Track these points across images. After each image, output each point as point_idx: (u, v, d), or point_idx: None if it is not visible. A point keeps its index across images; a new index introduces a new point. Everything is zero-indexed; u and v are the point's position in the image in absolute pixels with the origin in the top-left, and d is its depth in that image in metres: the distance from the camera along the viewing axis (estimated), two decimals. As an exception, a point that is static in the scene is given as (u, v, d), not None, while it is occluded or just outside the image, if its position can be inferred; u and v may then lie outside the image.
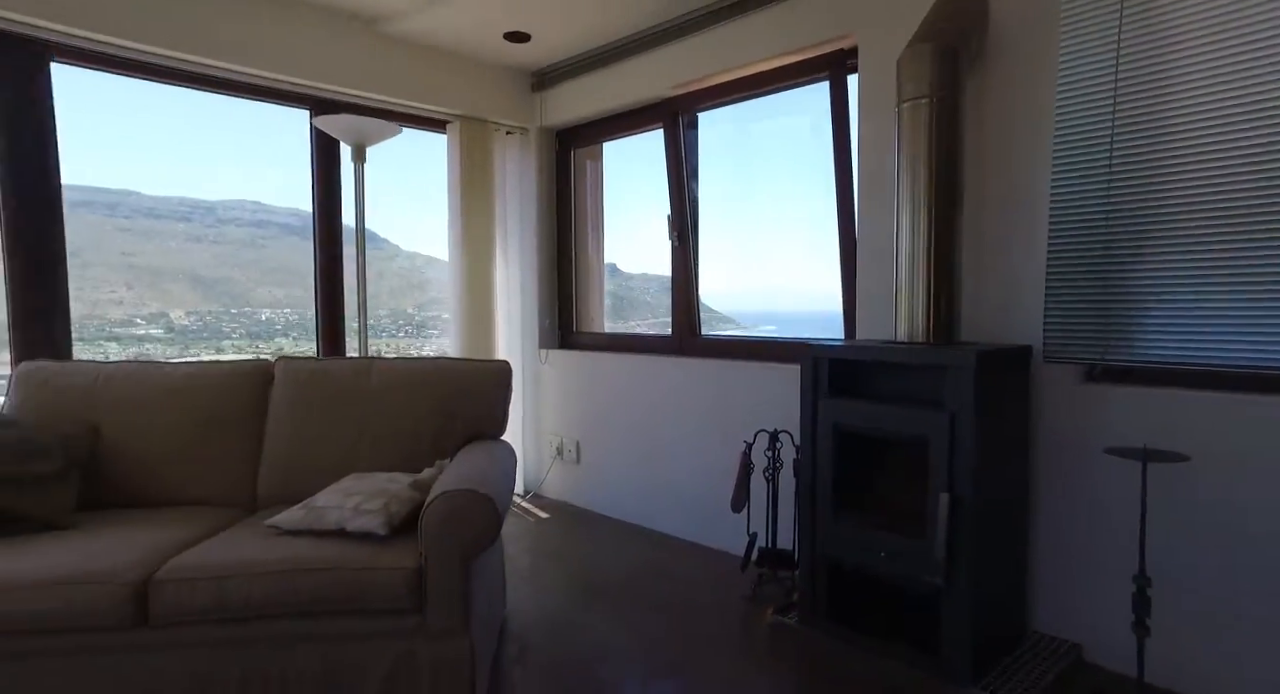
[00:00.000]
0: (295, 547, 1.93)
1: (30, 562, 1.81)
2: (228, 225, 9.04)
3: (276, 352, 7.98)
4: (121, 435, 2.39)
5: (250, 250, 9.41)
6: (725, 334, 3.82)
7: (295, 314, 9.45)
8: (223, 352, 7.45)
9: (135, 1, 2.96)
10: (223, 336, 7.60)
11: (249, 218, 9.22)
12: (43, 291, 2.93)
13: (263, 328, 8.54)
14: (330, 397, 2.53)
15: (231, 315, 8.08)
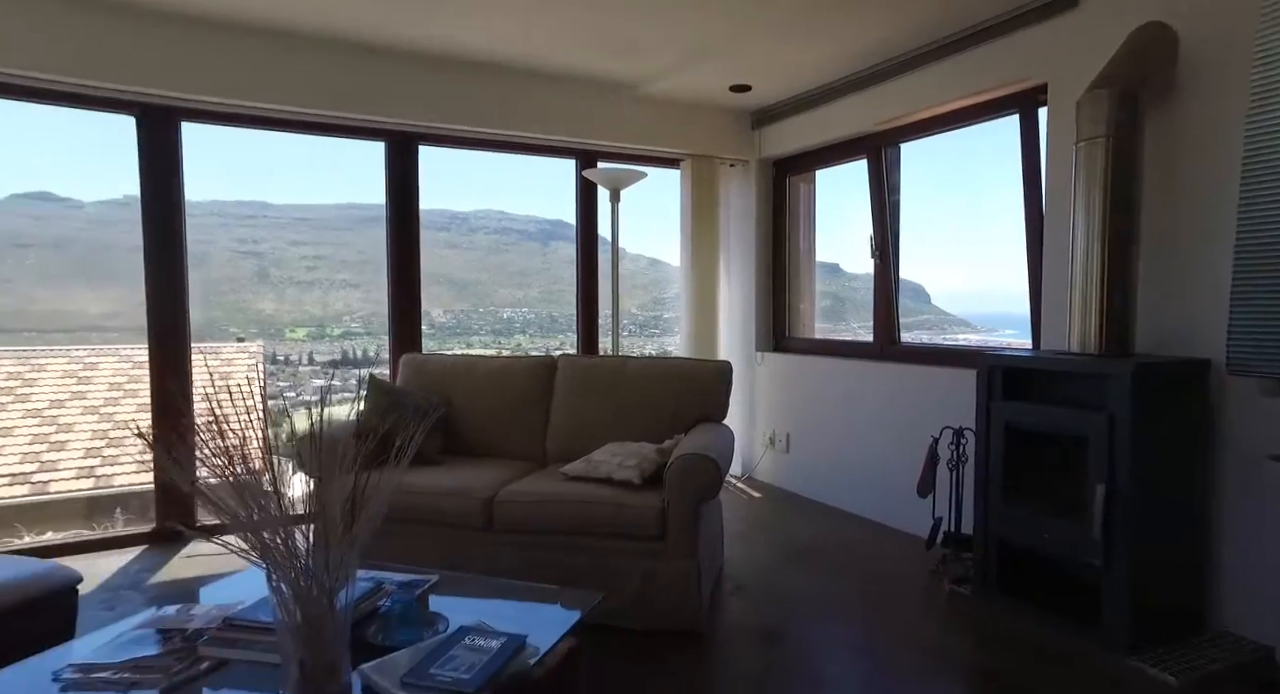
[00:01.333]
0: (578, 487, 2.81)
1: (425, 480, 2.86)
2: (477, 233, 10.63)
3: (515, 347, 9.38)
4: (463, 405, 3.47)
5: (495, 255, 10.95)
6: (919, 342, 4.22)
7: (532, 313, 10.86)
8: (471, 347, 8.94)
9: (480, 101, 4.12)
10: (471, 333, 9.10)
11: (495, 226, 10.77)
12: (407, 301, 4.21)
13: (504, 326, 10.02)
14: (596, 384, 3.43)
15: (479, 314, 9.62)
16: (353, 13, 3.40)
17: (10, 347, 9.04)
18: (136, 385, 10.30)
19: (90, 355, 10.43)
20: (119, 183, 4.10)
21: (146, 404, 10.66)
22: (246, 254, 15.07)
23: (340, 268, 10.37)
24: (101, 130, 4.90)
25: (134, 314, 12.89)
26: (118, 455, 9.38)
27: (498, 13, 3.38)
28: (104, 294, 10.56)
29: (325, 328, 10.32)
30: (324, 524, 1.50)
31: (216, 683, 1.61)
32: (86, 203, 9.75)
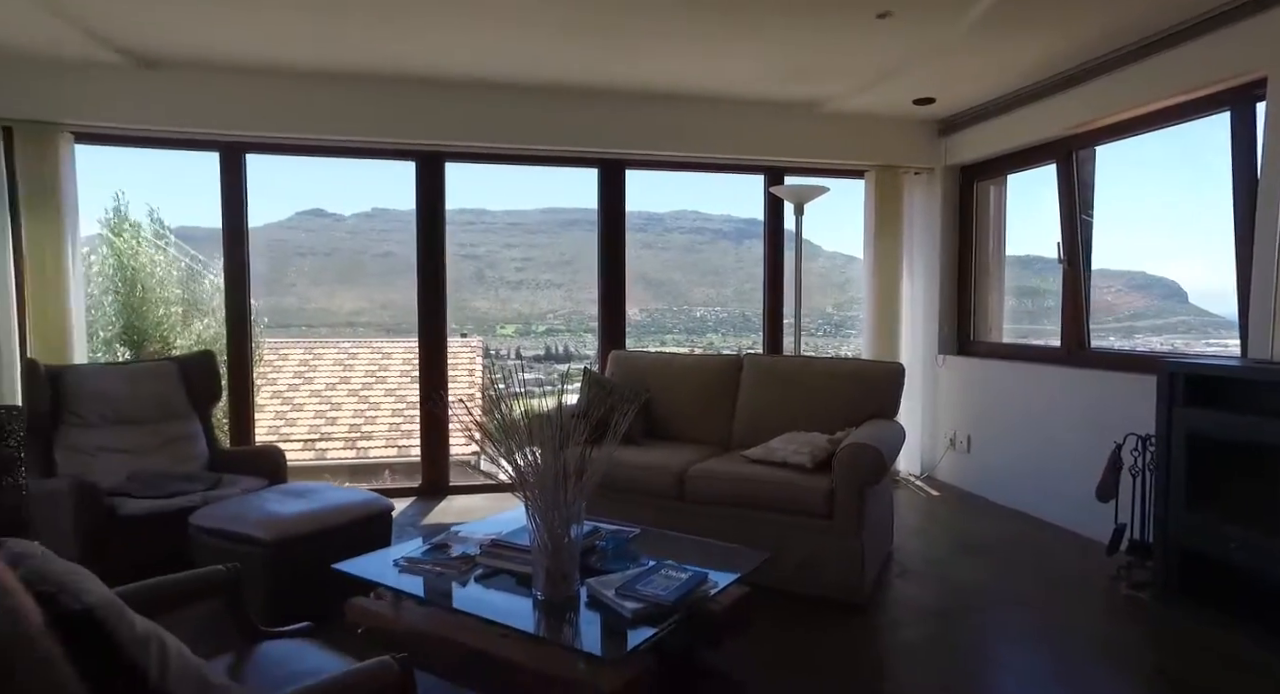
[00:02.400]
0: (756, 468, 3.24)
1: (630, 456, 3.45)
2: (672, 233, 11.08)
3: (708, 346, 9.76)
4: (661, 396, 4.04)
5: (690, 255, 11.33)
6: (1110, 347, 4.11)
7: (724, 312, 11.12)
8: (665, 345, 9.40)
9: (679, 127, 4.70)
10: (665, 331, 9.55)
11: (690, 226, 11.16)
12: (615, 302, 4.88)
13: (697, 324, 10.40)
14: (778, 381, 3.83)
15: (674, 313, 10.07)
16: (563, 63, 4.10)
17: (297, 338, 11.20)
18: (385, 373, 12.28)
19: (353, 346, 12.58)
20: (371, 198, 5.11)
21: (393, 389, 12.47)
22: (466, 257, 16.71)
23: (545, 269, 11.47)
24: (373, 168, 6.05)
25: (377, 312, 15.04)
26: (372, 431, 11.28)
27: (693, 54, 3.89)
28: (356, 294, 12.59)
29: (531, 325, 11.43)
30: (563, 478, 2.08)
31: (491, 581, 2.27)
32: (347, 216, 11.65)
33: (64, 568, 1.06)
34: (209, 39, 3.73)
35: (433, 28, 3.57)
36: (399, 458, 11.02)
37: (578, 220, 10.95)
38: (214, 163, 4.38)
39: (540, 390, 17.87)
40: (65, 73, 3.95)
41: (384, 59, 4.02)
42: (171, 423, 3.75)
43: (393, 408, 12.04)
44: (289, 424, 9.58)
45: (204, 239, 6.93)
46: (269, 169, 4.71)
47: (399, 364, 12.63)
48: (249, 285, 4.46)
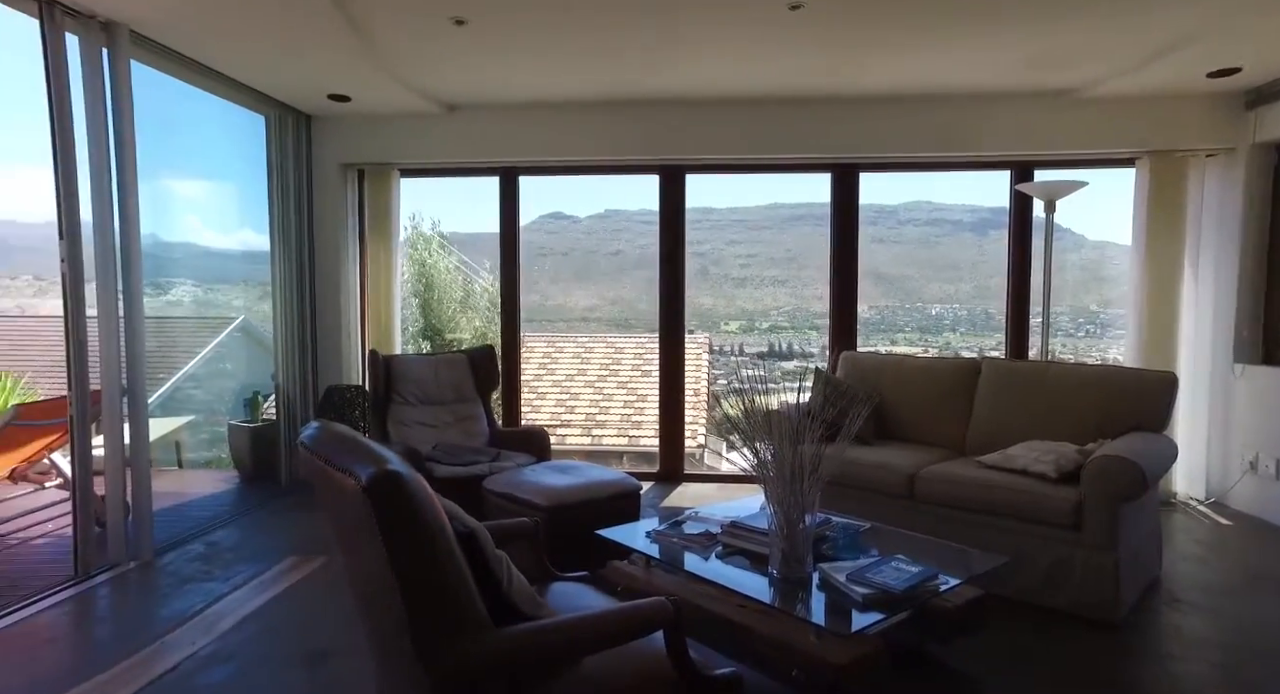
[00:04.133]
0: (992, 474, 3.16)
1: (861, 455, 3.54)
2: (906, 226, 10.50)
3: (944, 346, 9.16)
4: (892, 397, 4.05)
5: (924, 249, 10.62)
6: None
7: (964, 310, 10.29)
8: (895, 344, 8.91)
9: (914, 129, 4.65)
10: (896, 329, 9.03)
11: (924, 217, 10.47)
12: (846, 301, 4.93)
13: (931, 322, 9.71)
14: (1018, 387, 3.66)
15: (905, 310, 9.49)
16: (800, 74, 4.25)
17: (538, 333, 12.43)
18: (617, 366, 13.24)
19: (589, 341, 13.71)
20: (604, 200, 5.62)
21: (625, 381, 13.28)
22: (691, 254, 16.98)
23: (769, 265, 11.51)
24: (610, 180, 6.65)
25: (607, 308, 16.11)
26: (605, 420, 12.22)
27: (927, 51, 3.85)
28: (588, 291, 13.61)
29: (754, 322, 11.52)
30: (799, 471, 2.28)
31: (730, 558, 2.54)
32: (582, 218, 12.64)
33: (450, 504, 1.50)
34: (496, 84, 4.45)
35: (687, 59, 3.98)
36: (629, 447, 11.87)
37: (803, 216, 10.88)
38: (483, 183, 5.19)
39: (763, 387, 17.91)
40: (395, 123, 4.94)
41: (641, 86, 4.49)
42: (463, 404, 4.54)
43: (624, 399, 12.99)
44: (534, 411, 10.76)
45: (462, 243, 8.08)
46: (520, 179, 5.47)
47: (630, 358, 13.57)
48: (520, 289, 5.21)
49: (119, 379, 3.43)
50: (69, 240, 3.26)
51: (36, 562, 3.53)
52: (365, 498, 1.23)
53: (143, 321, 3.56)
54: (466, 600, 1.32)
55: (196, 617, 2.89)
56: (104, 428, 3.40)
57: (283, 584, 3.25)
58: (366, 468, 1.26)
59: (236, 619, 2.88)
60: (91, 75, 3.32)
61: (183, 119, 5.30)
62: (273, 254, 4.89)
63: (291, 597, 3.13)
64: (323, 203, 5.04)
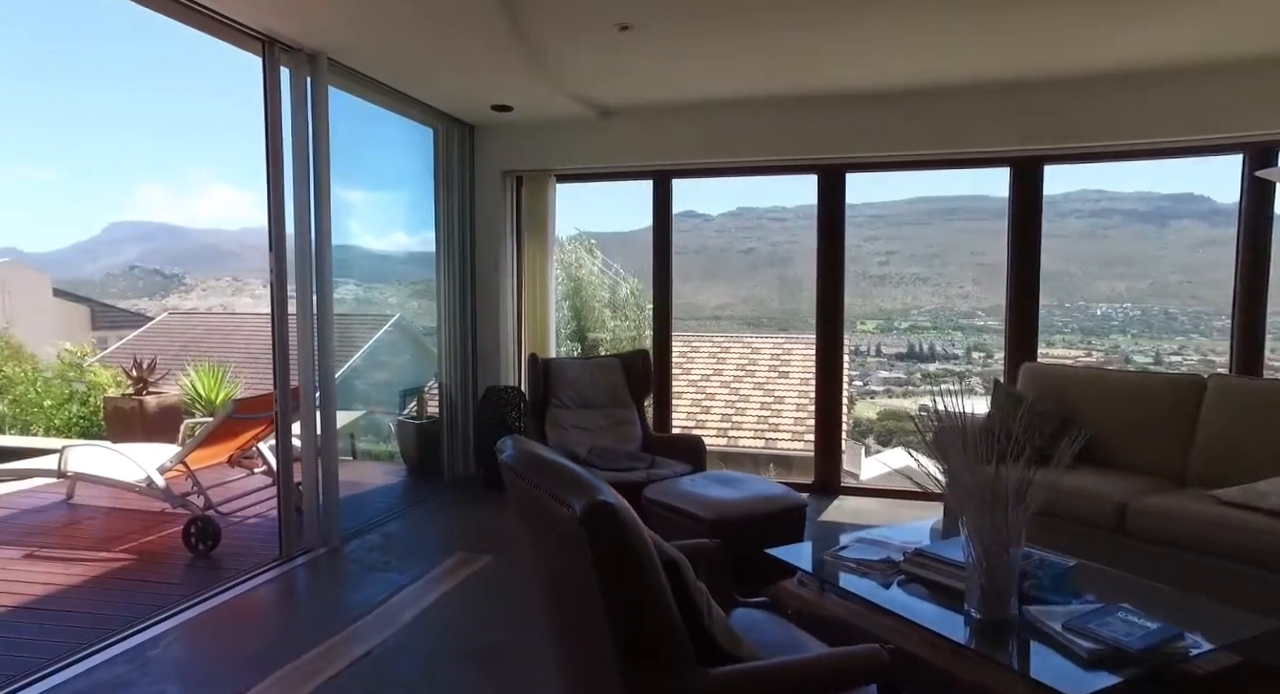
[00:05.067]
0: (1232, 513, 2.75)
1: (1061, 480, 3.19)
2: (1068, 217, 9.42)
3: (1110, 349, 8.10)
4: (1086, 415, 3.63)
5: (1089, 242, 9.50)
6: None
7: (1136, 310, 9.11)
8: (1053, 346, 7.96)
9: (1118, 111, 4.16)
10: (1053, 331, 8.05)
11: (1090, 208, 9.35)
12: (1026, 304, 4.50)
13: (1096, 324, 8.62)
14: (1261, 410, 3.16)
15: (1064, 310, 8.50)
16: (978, 59, 3.89)
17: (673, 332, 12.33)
18: (754, 367, 12.97)
19: (726, 340, 13.53)
20: (736, 198, 5.45)
21: (761, 382, 12.94)
22: None
23: (911, 262, 10.83)
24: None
25: (739, 307, 15.79)
26: (742, 422, 12.01)
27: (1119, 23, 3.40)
28: (720, 290, 13.38)
29: (893, 321, 10.87)
30: (1000, 497, 2.06)
31: (914, 588, 2.35)
32: (714, 216, 12.45)
33: (650, 532, 1.45)
34: (653, 87, 4.44)
35: (858, 50, 3.77)
36: (765, 450, 11.60)
37: (955, 209, 10.10)
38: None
39: (900, 390, 16.81)
40: (552, 130, 5.05)
41: (802, 83, 4.32)
42: (617, 409, 4.57)
43: (761, 400, 12.72)
44: (670, 410, 10.63)
45: (601, 244, 8.13)
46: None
47: (766, 359, 13.27)
48: (673, 294, 5.18)
49: (314, 376, 3.72)
50: (276, 254, 3.57)
51: (250, 540, 3.91)
52: (580, 529, 1.20)
53: (332, 324, 3.84)
54: (676, 637, 1.26)
55: (380, 606, 3.07)
56: (302, 421, 3.71)
57: (454, 579, 3.39)
58: (579, 498, 1.23)
59: (416, 612, 3.03)
60: (298, 102, 3.62)
61: (358, 135, 5.72)
62: (438, 259, 5.15)
63: (463, 593, 3.26)
64: (483, 209, 5.25)
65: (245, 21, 3.32)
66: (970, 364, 16.76)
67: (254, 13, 3.28)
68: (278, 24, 3.39)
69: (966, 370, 16.73)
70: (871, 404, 12.28)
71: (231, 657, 2.73)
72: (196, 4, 3.08)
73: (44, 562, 3.59)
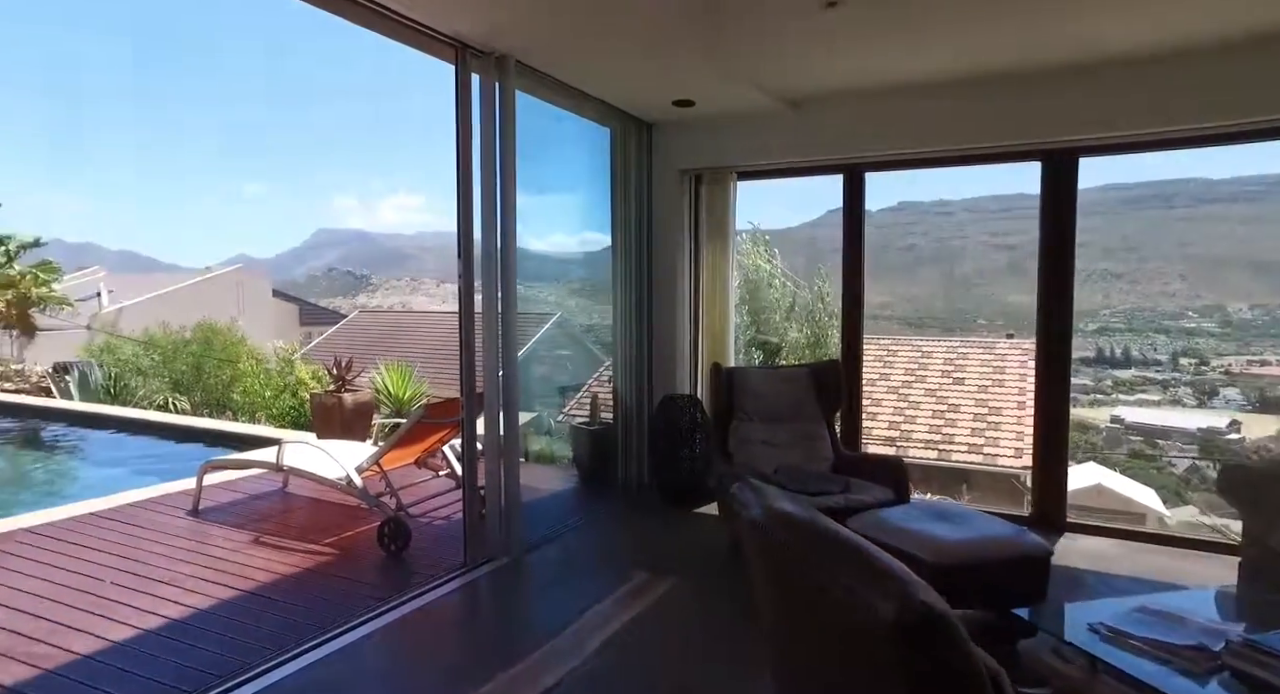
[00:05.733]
0: None
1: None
2: None
3: None
4: None
5: None
6: None
7: None
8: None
9: None
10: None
11: None
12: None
13: None
14: None
15: None
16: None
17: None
18: (924, 372, 11.92)
19: (893, 343, 12.56)
20: (898, 192, 4.84)
21: (933, 389, 11.91)
22: (998, 246, 14.88)
23: (1100, 256, 9.43)
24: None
25: (901, 305, 14.82)
26: (911, 431, 11.06)
27: None
28: (879, 289, 12.38)
29: (1079, 322, 9.61)
30: None
31: (1239, 689, 1.82)
32: (873, 212, 11.69)
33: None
34: (852, 70, 4.01)
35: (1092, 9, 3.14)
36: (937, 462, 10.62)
37: (1148, 197, 8.60)
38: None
39: (1086, 399, 14.86)
40: (735, 126, 4.76)
41: (1023, 55, 3.73)
42: (804, 423, 4.20)
43: (932, 408, 11.69)
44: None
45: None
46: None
47: (939, 363, 12.19)
48: (864, 297, 4.72)
49: (498, 381, 3.69)
50: (464, 259, 3.57)
51: (437, 544, 3.95)
52: (894, 638, 0.90)
53: (516, 327, 3.79)
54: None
55: (566, 630, 2.93)
56: (485, 425, 3.68)
57: (639, 604, 3.20)
58: (888, 596, 0.92)
59: (603, 639, 2.86)
60: (486, 107, 3.59)
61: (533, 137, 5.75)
62: (614, 261, 5.02)
63: (650, 620, 3.06)
64: (661, 209, 5.07)
65: (438, 27, 3.33)
66: (1177, 371, 14.47)
67: (445, 18, 3.28)
68: (467, 28, 3.37)
69: (1172, 379, 14.44)
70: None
71: (425, 671, 2.71)
72: (394, 14, 3.11)
73: (265, 548, 3.83)
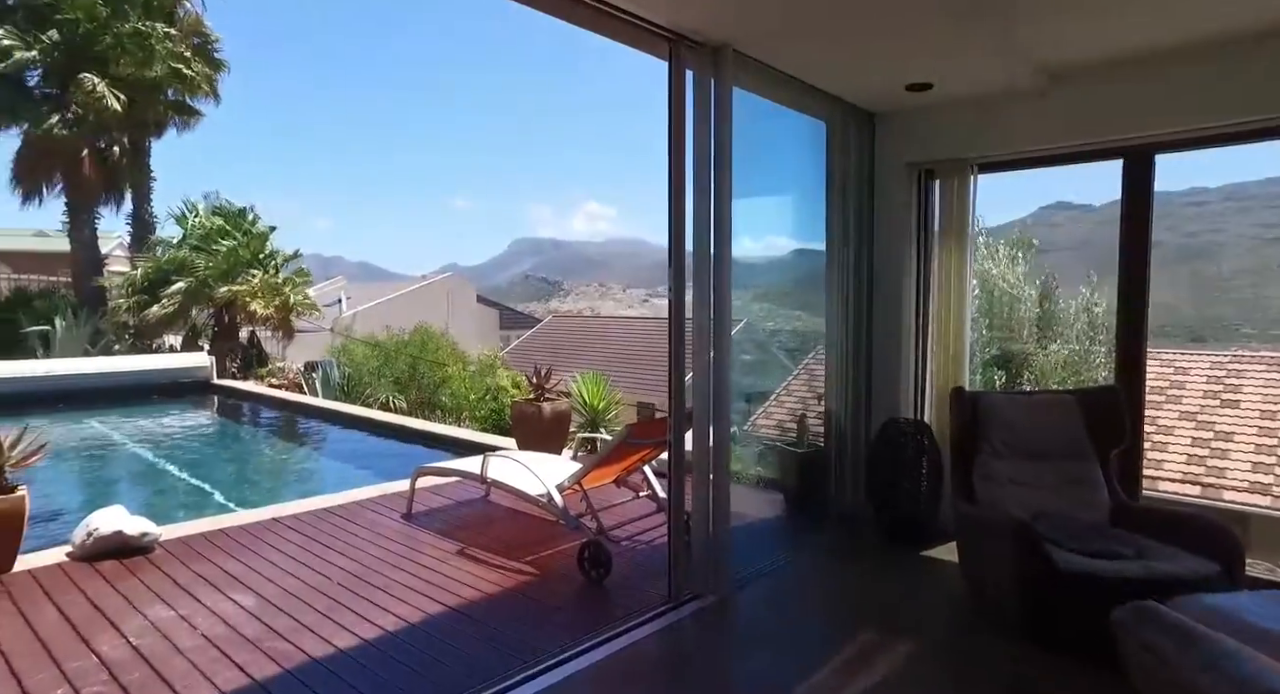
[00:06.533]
0: None
1: None
2: None
3: None
4: None
5: None
6: None
7: None
8: None
9: None
10: None
11: None
12: None
13: None
14: None
15: None
16: None
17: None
18: (1178, 391, 9.90)
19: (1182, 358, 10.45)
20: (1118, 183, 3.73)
21: (1190, 412, 9.97)
22: (1275, 241, 12.55)
23: None
24: None
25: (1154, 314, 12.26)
26: (1163, 461, 9.25)
27: None
28: (1106, 294, 10.50)
29: None
30: None
31: None
32: (1097, 206, 9.93)
33: None
34: (1137, 27, 3.23)
35: None
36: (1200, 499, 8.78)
37: None
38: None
39: None
40: (978, 109, 4.09)
41: None
42: (1072, 462, 3.46)
43: (1191, 435, 9.76)
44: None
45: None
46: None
47: (1200, 381, 10.13)
48: (1148, 307, 3.83)
49: (709, 401, 3.37)
50: (675, 270, 3.29)
51: (638, 573, 3.70)
52: None
53: (729, 339, 3.44)
54: None
55: (790, 697, 2.53)
56: (694, 445, 3.38)
57: (870, 673, 2.72)
58: None
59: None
60: (701, 106, 3.30)
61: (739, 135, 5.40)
62: (828, 269, 4.53)
63: (889, 696, 2.57)
64: (883, 209, 4.50)
65: (653, 19, 3.07)
66: None
67: (662, 7, 3.00)
68: (685, 17, 3.09)
69: None
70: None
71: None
72: (608, 6, 2.89)
73: (469, 561, 3.80)
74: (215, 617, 3.12)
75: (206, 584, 3.47)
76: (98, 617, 3.11)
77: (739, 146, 3.40)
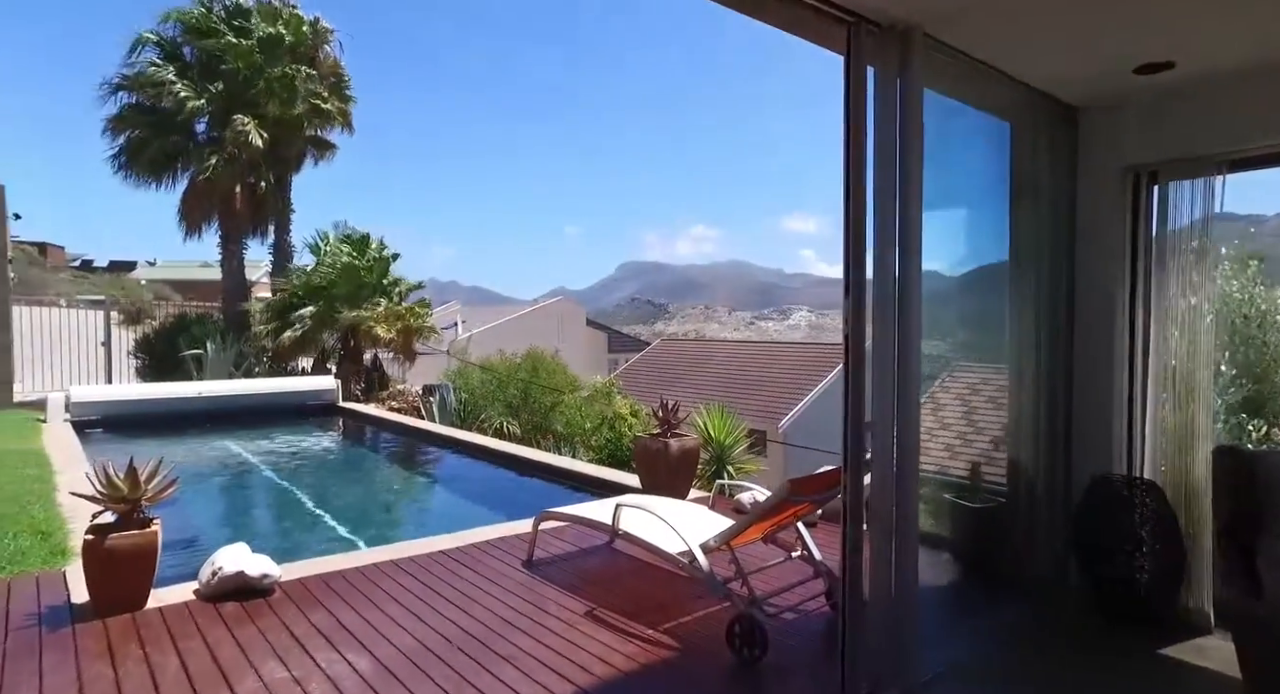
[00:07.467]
0: None
1: None
2: None
3: None
4: None
5: None
6: None
7: None
8: None
9: None
10: None
11: None
12: None
13: None
14: None
15: None
16: None
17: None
18: None
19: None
20: None
21: None
22: None
23: None
24: None
25: None
26: None
27: None
28: None
29: None
30: None
31: None
32: (1268, 216, 8.37)
33: None
34: None
35: None
36: None
37: None
38: None
39: None
40: (1227, 93, 3.31)
41: None
42: (1392, 547, 2.59)
43: None
44: None
45: None
46: None
47: None
48: None
49: (893, 452, 2.78)
50: (854, 297, 2.74)
51: (798, 654, 3.13)
52: None
53: (917, 380, 2.84)
54: None
55: None
56: (873, 503, 2.78)
57: None
58: None
59: None
60: (885, 104, 2.76)
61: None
62: (1012, 292, 3.83)
63: None
64: (1088, 220, 3.77)
65: (831, -2, 2.57)
66: None
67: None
68: (870, -7, 2.57)
69: None
70: None
71: None
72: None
73: (599, 626, 3.36)
74: (329, 682, 2.82)
75: (321, 638, 3.20)
76: (215, 673, 2.89)
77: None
